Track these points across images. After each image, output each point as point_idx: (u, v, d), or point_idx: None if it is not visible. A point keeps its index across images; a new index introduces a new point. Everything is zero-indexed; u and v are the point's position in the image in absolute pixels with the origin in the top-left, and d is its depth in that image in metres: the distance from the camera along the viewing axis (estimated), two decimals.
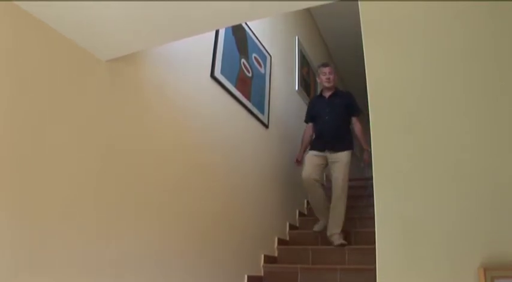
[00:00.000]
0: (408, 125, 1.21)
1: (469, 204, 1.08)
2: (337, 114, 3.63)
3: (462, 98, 1.17)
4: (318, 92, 4.10)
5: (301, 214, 4.19)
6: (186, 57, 2.49)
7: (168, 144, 2.22)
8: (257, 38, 3.64)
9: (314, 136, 3.80)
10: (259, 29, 3.74)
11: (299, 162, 3.84)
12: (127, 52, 1.84)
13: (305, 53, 5.21)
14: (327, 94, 3.77)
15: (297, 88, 4.71)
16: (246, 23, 3.41)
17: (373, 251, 1.16)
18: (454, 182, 1.11)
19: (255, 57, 3.55)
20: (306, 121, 3.96)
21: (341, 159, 3.48)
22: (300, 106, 4.67)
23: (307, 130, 3.90)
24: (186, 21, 1.62)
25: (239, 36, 3.28)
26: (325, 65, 3.84)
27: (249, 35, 3.48)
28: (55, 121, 1.56)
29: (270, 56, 3.92)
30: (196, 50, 2.61)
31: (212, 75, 2.76)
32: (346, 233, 3.34)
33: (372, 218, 1.21)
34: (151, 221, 2.00)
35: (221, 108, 2.86)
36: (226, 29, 3.04)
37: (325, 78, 3.73)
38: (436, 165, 1.14)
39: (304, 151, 3.81)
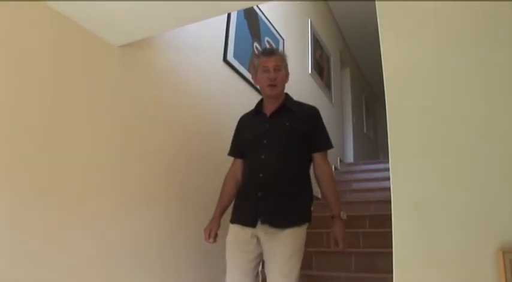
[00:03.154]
0: (425, 108, 1.19)
1: (487, 188, 1.06)
2: (284, 147, 1.82)
3: (480, 83, 1.14)
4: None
5: None
6: (198, 41, 2.47)
7: (180, 128, 2.23)
8: (269, 22, 3.59)
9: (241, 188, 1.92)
10: (272, 12, 3.68)
11: (214, 237, 1.87)
12: (139, 37, 1.84)
13: (318, 36, 5.13)
14: (268, 109, 1.94)
15: (310, 71, 4.65)
16: (257, 7, 3.36)
17: None
18: (472, 165, 1.09)
19: (267, 41, 3.50)
20: (232, 154, 2.04)
21: (285, 243, 1.69)
22: (312, 90, 4.63)
23: (231, 173, 1.99)
24: (197, 6, 1.60)
25: (251, 19, 3.24)
26: (268, 53, 1.95)
27: (261, 18, 3.43)
28: (69, 106, 1.58)
29: (283, 39, 3.87)
30: (208, 35, 2.60)
31: (225, 59, 2.75)
32: None
33: None
34: (166, 205, 2.04)
35: (234, 91, 2.85)
36: (238, 13, 3.00)
37: (266, 78, 1.86)
38: (452, 148, 1.12)
39: (222, 214, 1.93)
